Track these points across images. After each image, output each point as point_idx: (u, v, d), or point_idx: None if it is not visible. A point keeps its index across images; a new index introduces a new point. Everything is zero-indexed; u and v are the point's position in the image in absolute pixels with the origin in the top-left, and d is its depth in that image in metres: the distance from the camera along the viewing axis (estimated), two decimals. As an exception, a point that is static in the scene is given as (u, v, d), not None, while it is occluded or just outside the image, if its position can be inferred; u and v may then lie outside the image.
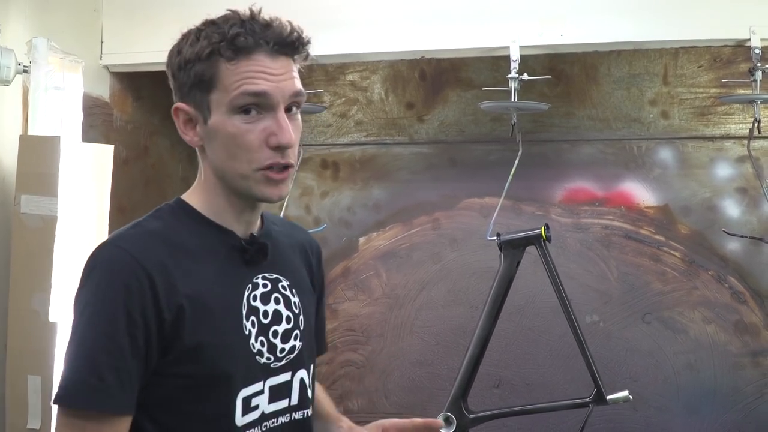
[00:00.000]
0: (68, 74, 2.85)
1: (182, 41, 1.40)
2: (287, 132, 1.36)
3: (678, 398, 3.42)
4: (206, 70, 1.35)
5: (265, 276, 1.46)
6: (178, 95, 1.41)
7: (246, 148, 1.36)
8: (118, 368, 1.27)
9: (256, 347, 1.41)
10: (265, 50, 1.36)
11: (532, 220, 3.55)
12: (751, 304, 3.39)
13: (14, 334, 2.61)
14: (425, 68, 3.65)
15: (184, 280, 1.34)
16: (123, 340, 1.28)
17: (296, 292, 1.51)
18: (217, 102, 1.36)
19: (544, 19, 2.96)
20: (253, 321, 1.41)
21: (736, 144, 3.43)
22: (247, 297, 1.41)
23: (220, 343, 1.35)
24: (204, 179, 1.45)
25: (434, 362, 3.66)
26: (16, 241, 2.65)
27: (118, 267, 1.31)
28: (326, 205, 3.85)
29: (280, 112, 1.37)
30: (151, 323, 1.30)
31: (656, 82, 3.47)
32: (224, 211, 1.43)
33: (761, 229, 3.38)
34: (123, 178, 3.23)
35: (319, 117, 3.75)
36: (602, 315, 3.51)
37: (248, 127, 1.36)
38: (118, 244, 1.35)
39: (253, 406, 1.40)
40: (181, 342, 1.32)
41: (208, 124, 1.38)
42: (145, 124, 3.58)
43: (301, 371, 1.49)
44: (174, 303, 1.31)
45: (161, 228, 1.40)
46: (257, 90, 1.34)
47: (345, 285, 3.80)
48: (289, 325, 1.47)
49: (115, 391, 1.27)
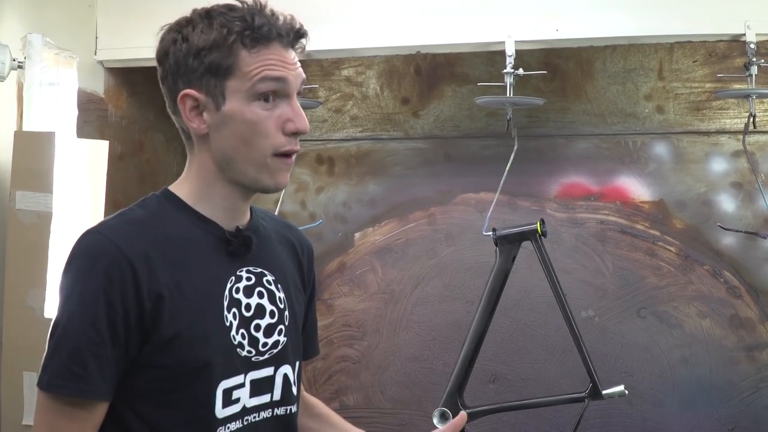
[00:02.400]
0: (63, 70, 2.85)
1: (185, 28, 1.39)
2: (303, 117, 1.40)
3: (673, 393, 3.43)
4: (225, 58, 1.37)
5: (249, 269, 1.46)
6: (184, 82, 1.40)
7: (264, 134, 1.38)
8: (98, 355, 1.29)
9: (237, 339, 1.40)
10: (280, 41, 1.39)
11: (527, 215, 3.55)
12: (746, 298, 3.39)
13: (9, 330, 2.61)
14: (420, 63, 3.65)
15: (166, 269, 1.34)
16: (103, 327, 1.29)
17: (282, 287, 1.50)
18: (235, 89, 1.37)
19: (539, 14, 2.97)
20: (235, 313, 1.40)
21: (731, 139, 3.44)
22: (229, 289, 1.41)
23: (198, 333, 1.35)
24: (197, 169, 1.44)
25: (430, 357, 3.67)
26: (11, 237, 2.64)
27: (100, 254, 1.32)
28: (321, 200, 3.85)
29: (294, 99, 1.41)
30: (131, 311, 1.30)
31: (651, 77, 3.47)
32: (213, 202, 1.43)
33: (756, 224, 3.39)
34: (118, 173, 3.23)
35: (314, 112, 3.75)
36: (597, 310, 3.51)
37: (267, 114, 1.38)
38: (101, 232, 1.35)
39: (234, 399, 1.39)
40: (160, 331, 1.32)
41: (222, 110, 1.38)
42: (139, 119, 3.58)
43: (284, 367, 1.48)
44: (154, 292, 1.32)
45: (145, 217, 1.40)
46: (279, 75, 1.38)
47: (341, 280, 3.80)
48: (273, 320, 1.46)
49: (94, 378, 1.28)
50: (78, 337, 1.29)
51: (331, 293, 3.79)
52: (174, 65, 1.40)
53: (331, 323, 3.76)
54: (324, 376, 3.75)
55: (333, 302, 3.78)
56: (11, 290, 2.62)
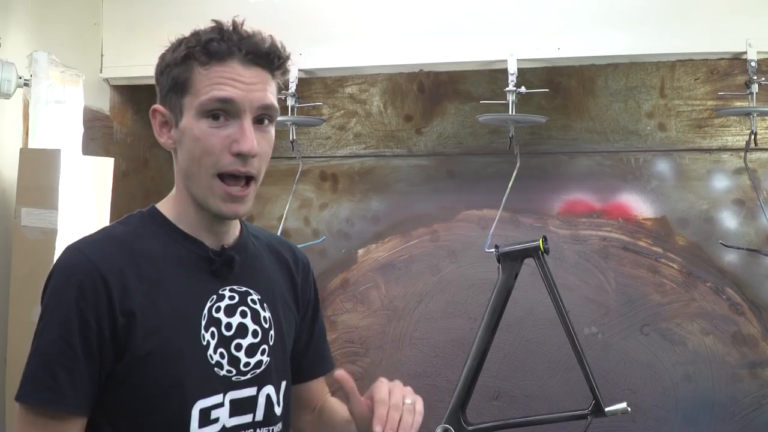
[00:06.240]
0: (69, 87, 2.87)
1: (168, 49, 1.43)
2: (250, 140, 1.36)
3: (676, 409, 3.42)
4: (182, 74, 1.38)
5: (233, 288, 1.45)
6: (158, 98, 1.44)
7: (208, 152, 1.37)
8: (70, 369, 1.30)
9: (215, 359, 1.39)
10: (238, 58, 1.37)
11: (530, 231, 3.56)
12: (748, 315, 3.39)
13: (14, 346, 2.62)
14: (424, 81, 3.67)
15: (140, 287, 1.35)
16: (76, 341, 1.30)
17: (268, 307, 1.49)
18: (189, 105, 1.38)
19: (542, 32, 2.99)
20: (213, 332, 1.40)
21: (733, 156, 3.45)
22: (209, 308, 1.41)
23: (171, 352, 1.35)
24: (176, 186, 1.47)
25: (433, 374, 3.66)
26: (17, 254, 2.66)
27: (74, 269, 1.34)
28: (325, 216, 3.86)
29: (246, 120, 1.37)
30: (104, 326, 1.31)
31: (653, 95, 3.49)
32: (194, 220, 1.44)
33: (758, 241, 3.39)
34: (123, 190, 3.24)
35: (318, 129, 3.77)
36: (600, 326, 3.51)
37: (213, 132, 1.37)
38: (77, 248, 1.38)
39: (212, 418, 1.38)
40: (132, 348, 1.32)
41: (179, 127, 1.40)
42: (144, 136, 3.59)
43: (267, 387, 1.47)
44: (127, 308, 1.33)
45: (125, 234, 1.42)
46: (224, 96, 1.36)
47: (344, 297, 3.80)
48: (256, 340, 1.45)
49: (66, 391, 1.29)
50: (52, 350, 1.30)
51: (334, 309, 3.79)
52: (155, 84, 1.45)
53: (334, 339, 3.76)
54: (327, 393, 3.75)
55: (336, 318, 3.79)
56: (16, 306, 2.63)
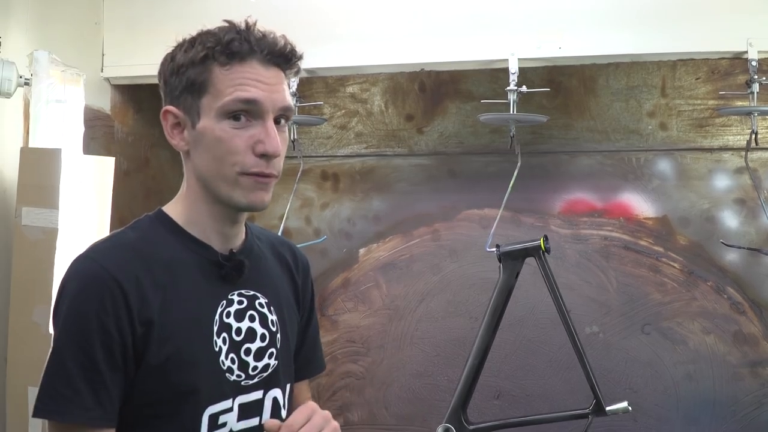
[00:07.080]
0: (69, 87, 2.86)
1: (176, 49, 1.42)
2: (275, 140, 1.36)
3: (677, 409, 3.42)
4: (199, 75, 1.37)
5: (241, 293, 1.45)
6: (168, 99, 1.42)
7: (233, 152, 1.36)
8: (92, 381, 1.28)
9: (226, 364, 1.39)
10: (258, 58, 1.37)
11: (531, 231, 3.56)
12: (750, 314, 3.39)
13: (15, 346, 2.62)
14: (425, 80, 3.67)
15: (156, 294, 1.34)
16: (98, 354, 1.28)
17: (275, 310, 1.49)
18: (208, 106, 1.37)
19: (543, 31, 2.98)
20: (225, 337, 1.40)
21: (734, 155, 3.45)
22: (220, 313, 1.40)
23: (187, 359, 1.35)
24: (187, 188, 1.45)
25: (434, 373, 3.66)
26: (17, 254, 2.66)
27: (91, 281, 1.31)
28: (326, 216, 3.86)
29: (269, 120, 1.37)
30: (126, 336, 1.30)
31: (654, 94, 3.48)
32: (204, 223, 1.43)
33: (759, 240, 3.39)
34: (124, 189, 3.24)
35: (320, 129, 3.77)
36: (601, 326, 3.51)
37: (236, 132, 1.36)
38: (92, 257, 1.35)
39: (220, 423, 1.39)
40: (149, 356, 1.32)
41: (197, 128, 1.38)
42: (145, 136, 3.59)
43: (274, 390, 1.47)
44: (145, 316, 1.32)
45: (136, 240, 1.40)
46: (249, 97, 1.35)
47: (345, 296, 3.80)
48: (264, 343, 1.45)
49: (90, 404, 1.28)
50: (72, 363, 1.29)
51: (336, 309, 3.79)
52: (162, 84, 1.43)
53: (336, 339, 3.76)
54: (328, 392, 3.75)
55: (337, 318, 3.79)
56: (17, 306, 2.63)
